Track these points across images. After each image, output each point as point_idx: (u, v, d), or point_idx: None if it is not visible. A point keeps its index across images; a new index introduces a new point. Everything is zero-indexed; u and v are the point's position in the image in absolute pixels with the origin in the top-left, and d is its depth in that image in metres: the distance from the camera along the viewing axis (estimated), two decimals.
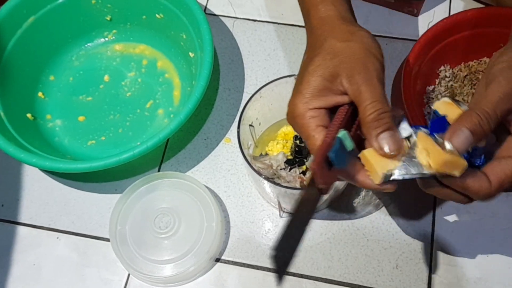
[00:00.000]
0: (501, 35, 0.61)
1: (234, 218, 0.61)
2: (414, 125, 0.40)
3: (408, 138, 0.40)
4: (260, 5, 0.76)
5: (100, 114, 0.69)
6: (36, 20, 0.68)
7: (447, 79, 0.66)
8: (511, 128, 0.39)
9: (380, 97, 0.38)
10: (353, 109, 0.41)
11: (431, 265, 0.58)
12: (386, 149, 0.38)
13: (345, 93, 0.41)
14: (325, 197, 0.55)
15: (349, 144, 0.39)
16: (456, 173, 0.36)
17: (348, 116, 0.40)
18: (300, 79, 0.42)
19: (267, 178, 0.49)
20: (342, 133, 0.38)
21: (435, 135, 0.39)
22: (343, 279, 0.57)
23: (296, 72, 0.45)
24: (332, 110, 0.42)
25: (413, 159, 0.38)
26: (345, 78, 0.40)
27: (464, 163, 0.36)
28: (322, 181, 0.37)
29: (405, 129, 0.40)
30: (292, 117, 0.42)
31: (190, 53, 0.67)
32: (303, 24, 0.51)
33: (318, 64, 0.41)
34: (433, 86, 0.66)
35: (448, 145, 0.37)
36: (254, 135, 0.59)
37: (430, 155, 0.38)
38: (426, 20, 0.72)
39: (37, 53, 0.70)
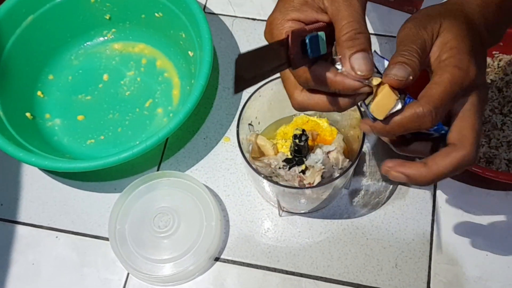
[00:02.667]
0: None
1: (233, 217, 0.61)
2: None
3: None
4: (259, 4, 0.76)
5: (99, 113, 0.69)
6: (35, 19, 0.68)
7: None
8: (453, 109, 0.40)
9: (358, 17, 0.38)
10: (330, 31, 0.39)
11: (431, 264, 0.58)
12: (358, 69, 0.37)
13: (325, 12, 0.40)
14: (325, 195, 0.55)
15: (324, 47, 0.38)
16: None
17: (327, 30, 0.39)
18: None
19: (266, 177, 0.49)
20: (321, 33, 0.37)
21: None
22: (342, 278, 0.57)
23: None
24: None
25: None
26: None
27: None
28: (293, 51, 0.35)
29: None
30: (269, 30, 0.40)
31: (189, 52, 0.67)
32: None
33: None
34: None
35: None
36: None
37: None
38: None
39: (36, 52, 0.70)
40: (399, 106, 0.38)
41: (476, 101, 0.39)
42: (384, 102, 0.38)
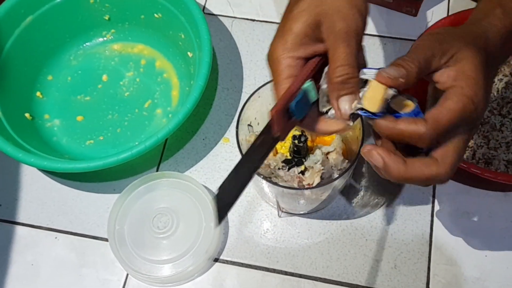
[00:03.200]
0: None
1: (232, 218, 0.61)
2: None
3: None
4: (258, 4, 0.76)
5: (98, 114, 0.69)
6: (34, 19, 0.68)
7: None
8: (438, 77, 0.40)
9: (352, 61, 0.39)
10: (325, 60, 0.41)
11: (430, 265, 0.58)
12: (343, 110, 0.40)
13: (322, 42, 0.41)
14: (324, 196, 0.55)
15: (313, 96, 0.41)
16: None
17: (319, 66, 0.42)
18: (284, 22, 0.42)
19: (265, 178, 0.49)
20: (308, 84, 0.40)
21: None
22: (341, 279, 0.57)
23: None
24: (309, 59, 0.42)
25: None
26: (326, 29, 0.40)
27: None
28: (279, 129, 0.38)
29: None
30: (270, 60, 0.43)
31: (188, 53, 0.67)
32: None
33: (304, 9, 0.41)
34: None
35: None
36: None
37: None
38: (425, 20, 0.72)
39: (35, 53, 0.70)
40: (391, 92, 0.39)
41: (469, 131, 0.40)
42: (374, 94, 0.39)
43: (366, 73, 0.40)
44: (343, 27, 0.39)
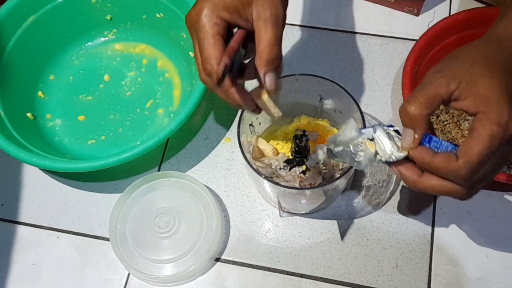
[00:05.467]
0: None
1: (234, 218, 0.61)
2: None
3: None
4: None
5: (100, 114, 0.69)
6: (36, 19, 0.68)
7: None
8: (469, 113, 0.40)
9: (277, 41, 0.43)
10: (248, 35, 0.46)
11: (431, 265, 0.58)
12: (268, 84, 0.44)
13: (247, 21, 0.44)
14: (325, 196, 0.55)
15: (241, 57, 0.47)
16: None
17: (243, 39, 0.46)
18: None
19: (267, 178, 0.49)
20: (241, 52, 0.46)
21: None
22: (343, 278, 0.57)
23: (296, 72, 0.45)
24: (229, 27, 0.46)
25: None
26: (256, 12, 0.43)
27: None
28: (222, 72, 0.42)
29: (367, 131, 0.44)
30: (195, 17, 0.44)
31: (190, 53, 0.67)
32: (301, 23, 0.51)
33: None
34: None
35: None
36: (254, 134, 0.58)
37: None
38: (427, 20, 0.72)
39: (37, 53, 0.70)
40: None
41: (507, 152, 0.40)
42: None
43: (367, 133, 0.43)
44: (272, 13, 0.43)
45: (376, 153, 0.42)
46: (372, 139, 0.43)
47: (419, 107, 0.39)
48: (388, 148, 0.42)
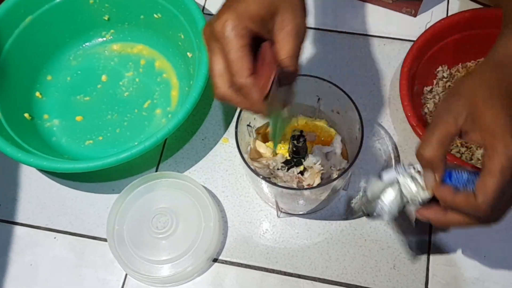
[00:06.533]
0: None
1: (232, 218, 0.61)
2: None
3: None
4: None
5: (97, 114, 0.69)
6: (34, 19, 0.68)
7: (444, 79, 0.66)
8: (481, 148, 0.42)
9: (297, 54, 0.43)
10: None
11: (429, 266, 0.58)
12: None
13: (269, 32, 0.43)
14: (323, 196, 0.55)
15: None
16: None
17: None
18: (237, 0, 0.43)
19: (264, 178, 0.49)
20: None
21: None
22: (340, 279, 0.57)
23: None
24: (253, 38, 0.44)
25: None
26: (279, 21, 0.42)
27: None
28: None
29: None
30: (219, 32, 0.42)
31: (188, 53, 0.67)
32: None
33: None
34: (430, 87, 0.66)
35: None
36: (252, 135, 0.58)
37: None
38: (424, 21, 0.72)
39: (35, 53, 0.70)
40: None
41: None
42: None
43: (390, 177, 0.45)
44: (296, 26, 0.42)
45: (402, 196, 0.45)
46: (396, 183, 0.45)
47: (433, 149, 0.41)
48: (414, 190, 0.44)
